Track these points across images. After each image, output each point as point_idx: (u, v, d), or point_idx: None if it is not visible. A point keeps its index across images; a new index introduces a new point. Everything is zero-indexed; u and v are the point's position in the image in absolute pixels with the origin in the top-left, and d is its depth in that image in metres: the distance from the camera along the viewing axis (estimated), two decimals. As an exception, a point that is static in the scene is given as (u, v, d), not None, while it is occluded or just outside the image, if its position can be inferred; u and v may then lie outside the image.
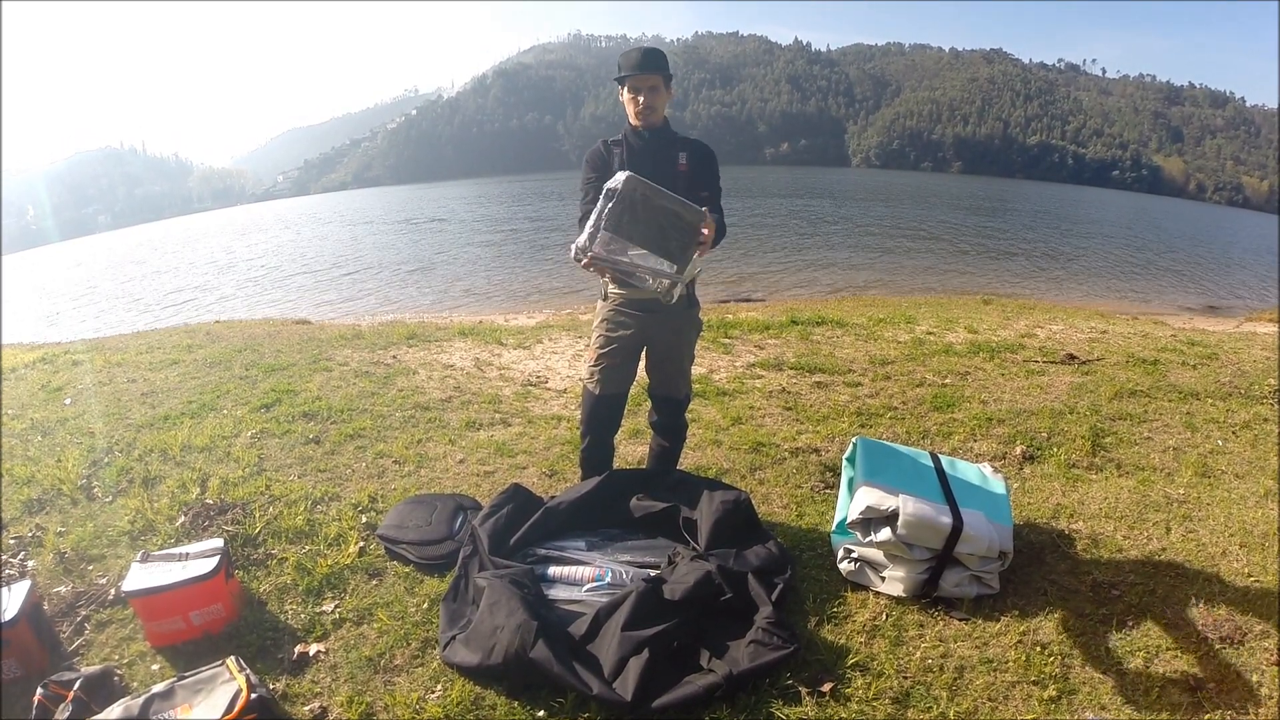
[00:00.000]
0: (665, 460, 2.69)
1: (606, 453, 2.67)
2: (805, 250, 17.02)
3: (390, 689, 1.86)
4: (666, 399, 2.56)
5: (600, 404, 2.48)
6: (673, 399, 2.55)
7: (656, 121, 2.33)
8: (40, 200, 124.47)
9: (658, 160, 2.29)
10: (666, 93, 2.33)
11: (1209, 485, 2.88)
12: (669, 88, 2.33)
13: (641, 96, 2.27)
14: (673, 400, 2.56)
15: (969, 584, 2.12)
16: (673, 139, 2.37)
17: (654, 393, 2.59)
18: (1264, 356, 4.99)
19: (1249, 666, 1.82)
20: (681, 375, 2.52)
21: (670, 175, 2.24)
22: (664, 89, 2.31)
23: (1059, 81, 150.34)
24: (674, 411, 2.60)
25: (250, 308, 12.92)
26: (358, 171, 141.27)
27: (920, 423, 3.60)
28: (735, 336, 5.55)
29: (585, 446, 2.64)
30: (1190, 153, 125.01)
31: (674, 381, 2.52)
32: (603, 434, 2.58)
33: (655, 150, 2.32)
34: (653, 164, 2.23)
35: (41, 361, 5.61)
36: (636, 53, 2.29)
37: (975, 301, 9.90)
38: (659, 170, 2.18)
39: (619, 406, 2.56)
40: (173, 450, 3.41)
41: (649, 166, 2.19)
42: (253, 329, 7.56)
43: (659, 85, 2.29)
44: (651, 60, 2.28)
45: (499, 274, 14.68)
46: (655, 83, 2.28)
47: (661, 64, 2.30)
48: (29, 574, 2.39)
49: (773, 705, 1.73)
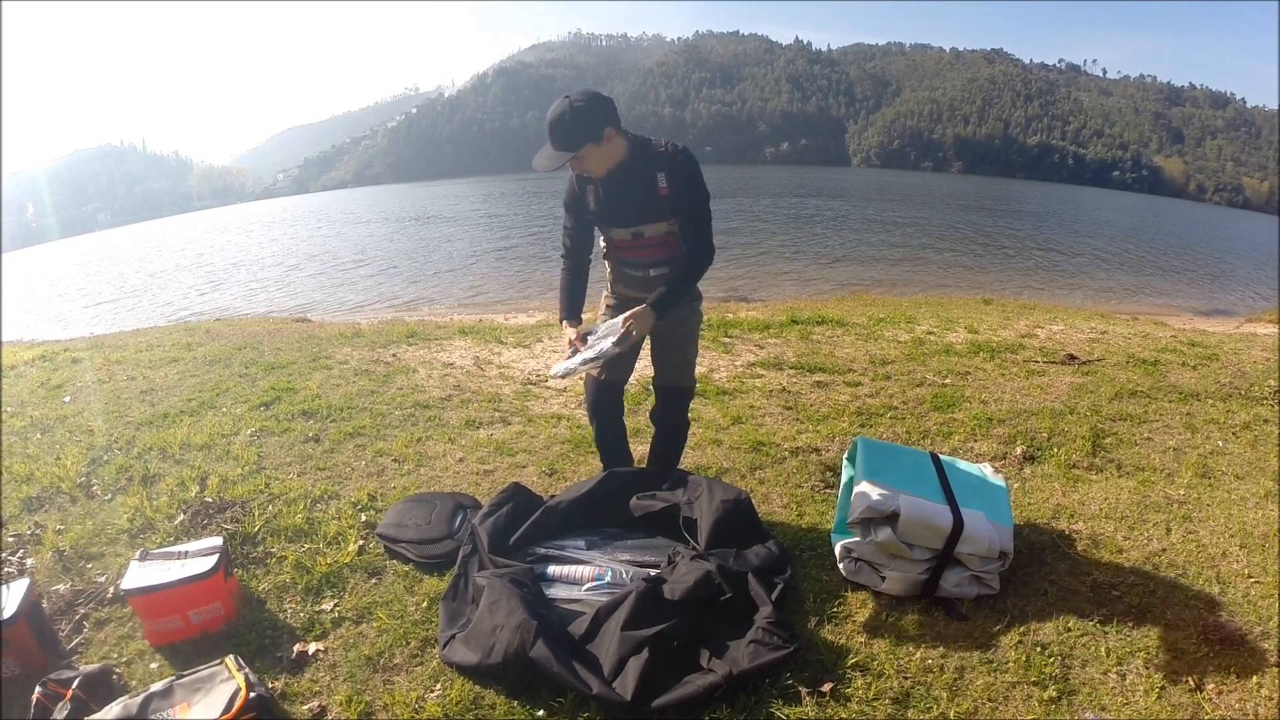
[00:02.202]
0: (666, 460, 2.69)
1: (619, 435, 2.69)
2: (805, 249, 17.00)
3: (389, 688, 1.85)
4: (668, 388, 2.56)
5: (603, 389, 2.53)
6: (676, 388, 2.56)
7: (608, 169, 2.14)
8: (40, 198, 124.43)
9: (635, 190, 2.18)
10: (603, 144, 2.07)
11: (1209, 486, 2.88)
12: (601, 138, 2.05)
13: (578, 170, 2.16)
14: (676, 389, 2.56)
15: (969, 584, 2.12)
16: (647, 160, 2.16)
17: (657, 383, 2.60)
18: (1264, 357, 4.98)
19: (1249, 667, 1.82)
20: (685, 365, 2.53)
21: (653, 202, 2.18)
22: (595, 146, 2.06)
23: (1059, 82, 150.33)
24: (677, 401, 2.59)
25: (250, 304, 12.92)
26: (358, 170, 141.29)
27: (920, 423, 3.60)
28: (735, 336, 5.54)
29: (597, 432, 2.68)
30: (1191, 153, 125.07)
31: (678, 371, 2.53)
32: (609, 418, 2.63)
33: (631, 180, 2.17)
34: (630, 196, 2.19)
35: (41, 359, 5.61)
36: (547, 138, 2.08)
37: (976, 301, 9.89)
38: (640, 202, 2.17)
39: (619, 393, 2.61)
40: (172, 448, 3.41)
41: (627, 201, 2.18)
42: (252, 327, 7.55)
43: (586, 153, 2.06)
44: (560, 141, 2.05)
45: (499, 273, 14.67)
46: (581, 155, 2.07)
47: (572, 138, 2.03)
48: (28, 572, 2.39)
49: (773, 705, 1.73)
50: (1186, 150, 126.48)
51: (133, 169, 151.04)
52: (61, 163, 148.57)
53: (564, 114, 2.02)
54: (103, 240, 45.65)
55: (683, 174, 2.16)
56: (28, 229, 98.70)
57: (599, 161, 2.11)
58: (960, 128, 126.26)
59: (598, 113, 2.04)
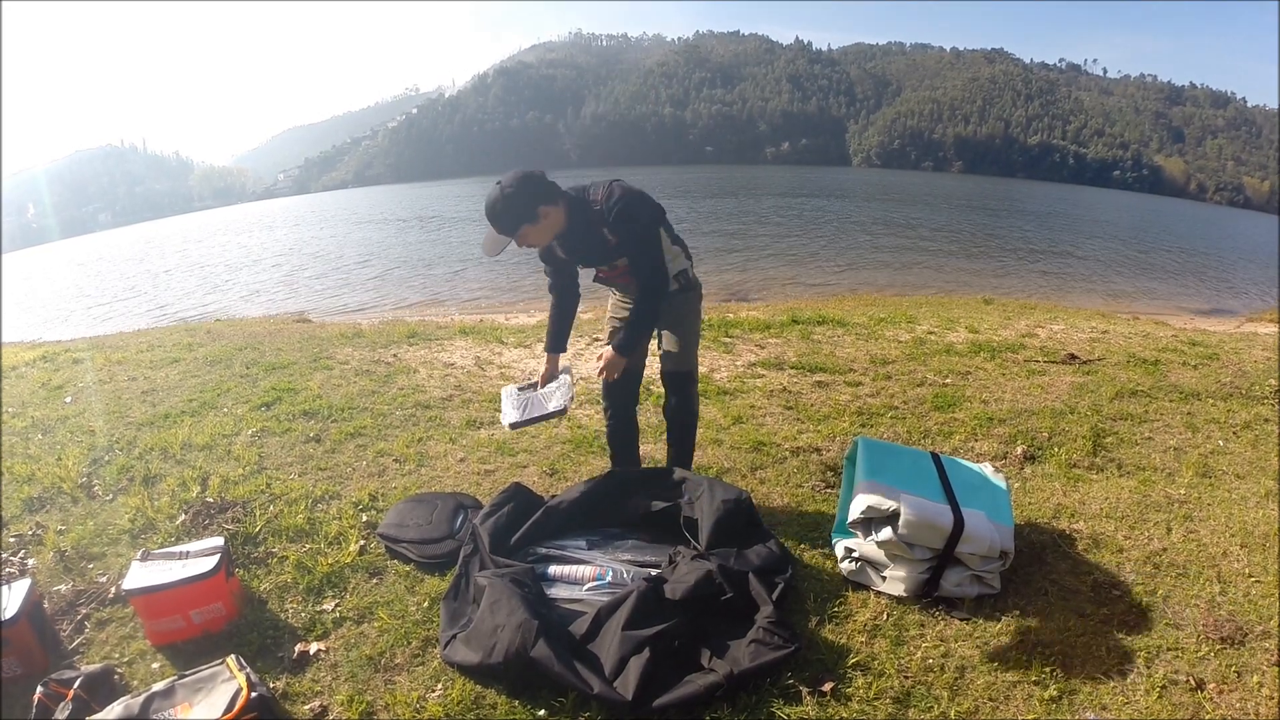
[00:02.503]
0: (678, 451, 2.76)
1: (631, 430, 2.80)
2: (806, 249, 16.99)
3: (391, 688, 1.85)
4: (667, 374, 2.63)
5: (619, 382, 2.60)
6: (673, 372, 2.61)
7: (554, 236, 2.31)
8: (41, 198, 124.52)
9: (588, 243, 2.37)
10: (540, 222, 2.21)
11: (1210, 486, 2.88)
12: (537, 217, 2.19)
13: (524, 246, 2.30)
14: (673, 374, 2.61)
15: (970, 584, 2.12)
16: (587, 220, 2.30)
17: (663, 373, 2.66)
18: (1265, 357, 4.98)
19: (1249, 666, 1.82)
20: (679, 350, 2.58)
21: (607, 249, 2.35)
22: (531, 226, 2.20)
23: (1060, 81, 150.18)
24: (678, 386, 2.63)
25: (251, 304, 12.93)
26: (358, 170, 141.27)
27: (921, 422, 3.60)
28: (736, 336, 5.54)
29: (609, 423, 2.77)
30: (1191, 153, 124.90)
31: (678, 355, 2.58)
32: (623, 407, 2.72)
33: (582, 235, 2.35)
34: (586, 247, 2.40)
35: (42, 360, 5.61)
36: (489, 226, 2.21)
37: (976, 301, 9.89)
38: (597, 250, 2.38)
39: (635, 385, 2.73)
40: (173, 448, 3.41)
41: (585, 250, 2.41)
42: (253, 327, 7.56)
43: (524, 232, 2.21)
44: (499, 227, 2.18)
45: (499, 272, 14.67)
46: (520, 235, 2.21)
47: (507, 223, 2.17)
48: (29, 572, 2.40)
49: (773, 705, 1.73)
50: (1187, 150, 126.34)
51: (133, 169, 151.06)
52: (62, 163, 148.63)
53: (496, 202, 2.16)
54: (103, 241, 45.67)
55: (620, 227, 2.27)
56: (28, 229, 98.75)
57: (540, 236, 2.27)
58: (961, 127, 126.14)
59: (528, 195, 2.17)
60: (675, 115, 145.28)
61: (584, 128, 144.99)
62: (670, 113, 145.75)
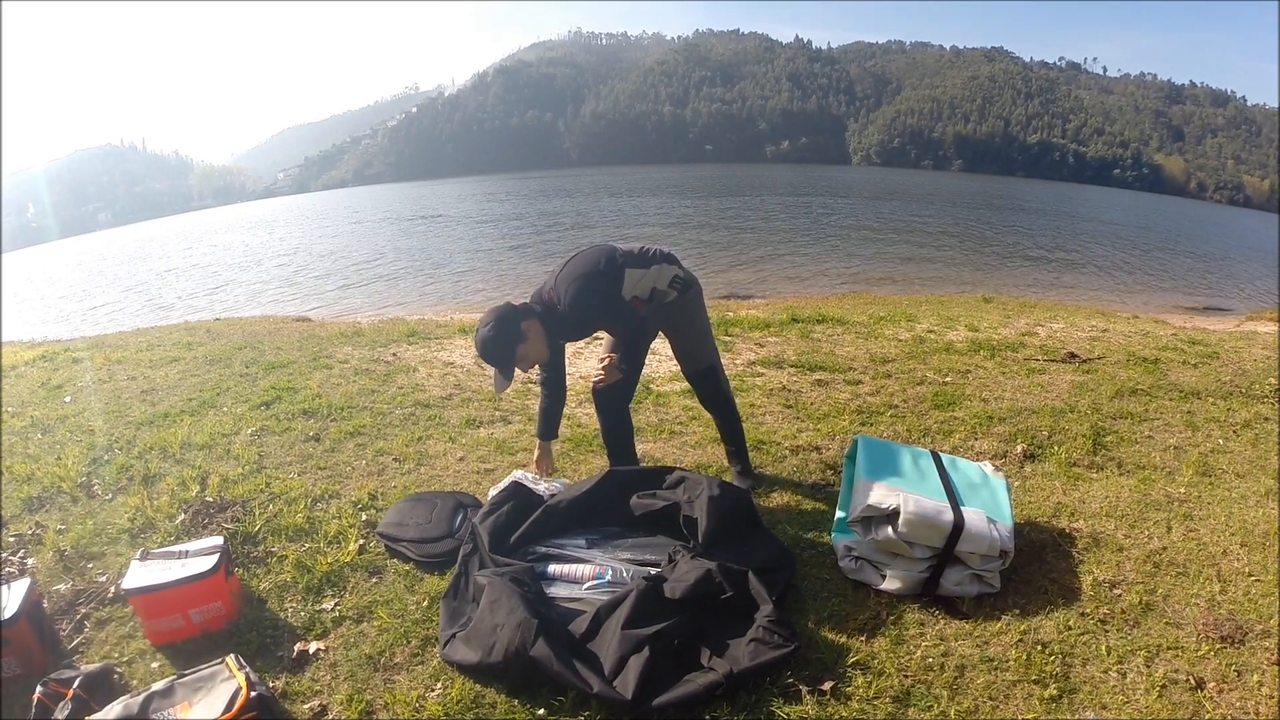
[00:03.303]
0: (728, 438, 2.91)
1: (625, 427, 2.86)
2: (806, 248, 16.99)
3: (390, 687, 1.85)
4: (690, 374, 2.79)
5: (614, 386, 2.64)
6: (696, 372, 2.77)
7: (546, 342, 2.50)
8: (41, 198, 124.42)
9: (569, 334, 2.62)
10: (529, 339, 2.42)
11: (1210, 484, 2.88)
12: (523, 336, 2.40)
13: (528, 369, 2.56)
14: (695, 372, 2.77)
15: (970, 583, 2.12)
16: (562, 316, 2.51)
17: (684, 373, 2.84)
18: (1265, 355, 4.98)
19: (1249, 666, 1.81)
20: (697, 350, 2.73)
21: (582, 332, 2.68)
22: (524, 345, 2.40)
23: (1060, 80, 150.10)
24: (702, 384, 2.79)
25: (251, 304, 12.92)
26: (358, 169, 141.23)
27: (921, 421, 3.60)
28: (735, 334, 5.54)
29: (602, 421, 2.83)
30: (1191, 152, 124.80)
31: (693, 357, 2.74)
32: (611, 401, 2.77)
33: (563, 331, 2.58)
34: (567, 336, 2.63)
35: (42, 359, 5.62)
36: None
37: (976, 300, 9.89)
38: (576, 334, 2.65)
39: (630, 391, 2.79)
40: (173, 448, 3.41)
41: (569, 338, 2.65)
42: (252, 326, 7.56)
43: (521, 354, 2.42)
44: (498, 363, 2.42)
45: (499, 272, 14.67)
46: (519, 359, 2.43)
47: (502, 356, 2.39)
48: (29, 572, 2.40)
49: (773, 704, 1.73)
50: (1187, 148, 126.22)
51: (133, 169, 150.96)
52: (62, 163, 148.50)
53: (485, 343, 2.38)
54: (103, 240, 45.66)
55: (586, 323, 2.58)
56: (28, 229, 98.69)
57: (536, 349, 2.46)
58: (961, 126, 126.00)
59: (507, 322, 2.38)
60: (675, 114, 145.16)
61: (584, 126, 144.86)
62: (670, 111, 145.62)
